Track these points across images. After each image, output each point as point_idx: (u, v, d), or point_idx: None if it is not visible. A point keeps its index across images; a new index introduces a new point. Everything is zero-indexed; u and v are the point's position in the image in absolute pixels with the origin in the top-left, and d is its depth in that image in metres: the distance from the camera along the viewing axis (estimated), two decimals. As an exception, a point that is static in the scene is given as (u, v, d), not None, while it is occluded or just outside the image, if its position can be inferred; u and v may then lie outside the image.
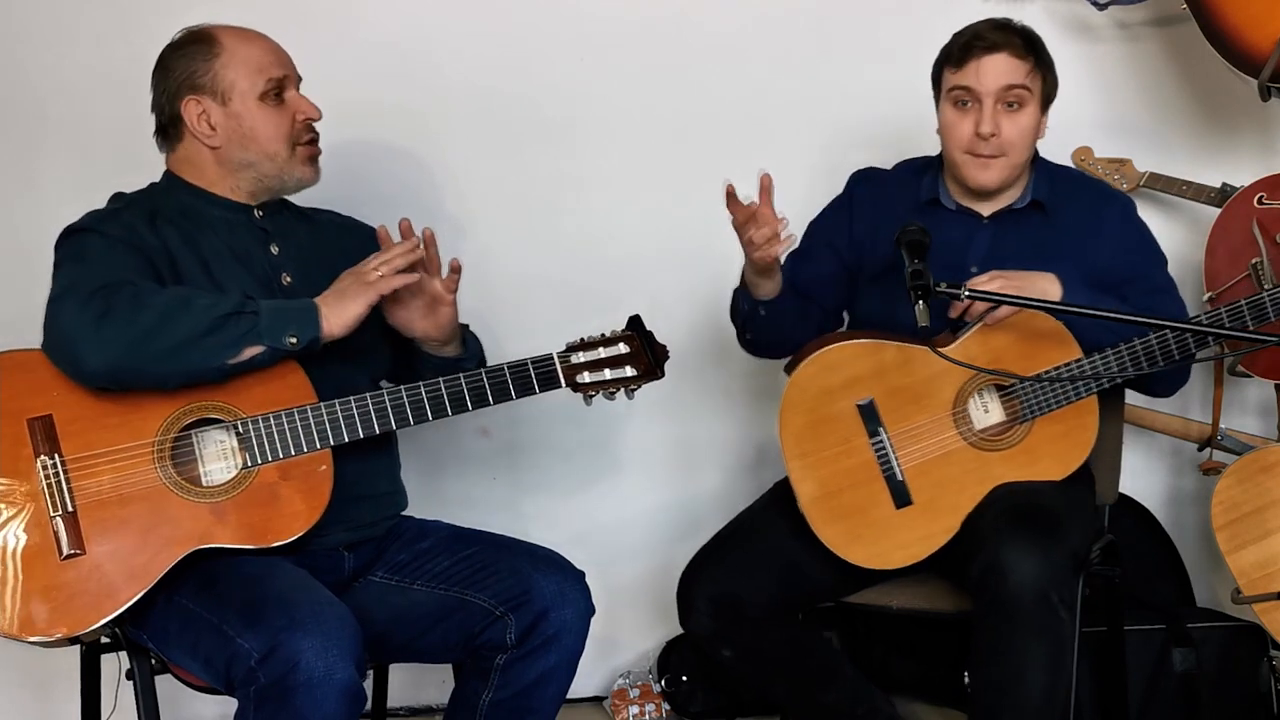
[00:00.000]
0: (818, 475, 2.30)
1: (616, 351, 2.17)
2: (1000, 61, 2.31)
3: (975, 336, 2.29)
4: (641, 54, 3.03)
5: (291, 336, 2.00)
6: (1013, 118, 2.32)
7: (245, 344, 1.98)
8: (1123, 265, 2.38)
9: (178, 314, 1.95)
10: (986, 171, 2.36)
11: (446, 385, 2.10)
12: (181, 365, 1.97)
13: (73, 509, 1.96)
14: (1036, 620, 2.09)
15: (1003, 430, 2.32)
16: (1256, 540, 2.48)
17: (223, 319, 1.97)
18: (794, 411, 2.31)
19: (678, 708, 3.04)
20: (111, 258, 2.02)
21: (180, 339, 1.94)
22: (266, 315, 2.00)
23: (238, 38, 2.16)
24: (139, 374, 1.97)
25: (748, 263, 2.33)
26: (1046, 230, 2.41)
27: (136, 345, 1.93)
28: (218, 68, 2.13)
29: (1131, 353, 2.27)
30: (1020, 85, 2.31)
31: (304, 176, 2.21)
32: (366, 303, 2.06)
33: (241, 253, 2.16)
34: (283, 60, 2.19)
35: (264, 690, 1.84)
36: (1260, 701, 2.76)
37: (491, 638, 2.11)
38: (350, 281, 2.08)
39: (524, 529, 2.35)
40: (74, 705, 2.22)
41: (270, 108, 2.15)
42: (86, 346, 1.93)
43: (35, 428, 1.97)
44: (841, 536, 2.29)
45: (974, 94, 2.32)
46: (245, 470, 2.02)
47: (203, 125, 2.14)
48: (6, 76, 2.88)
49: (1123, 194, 2.51)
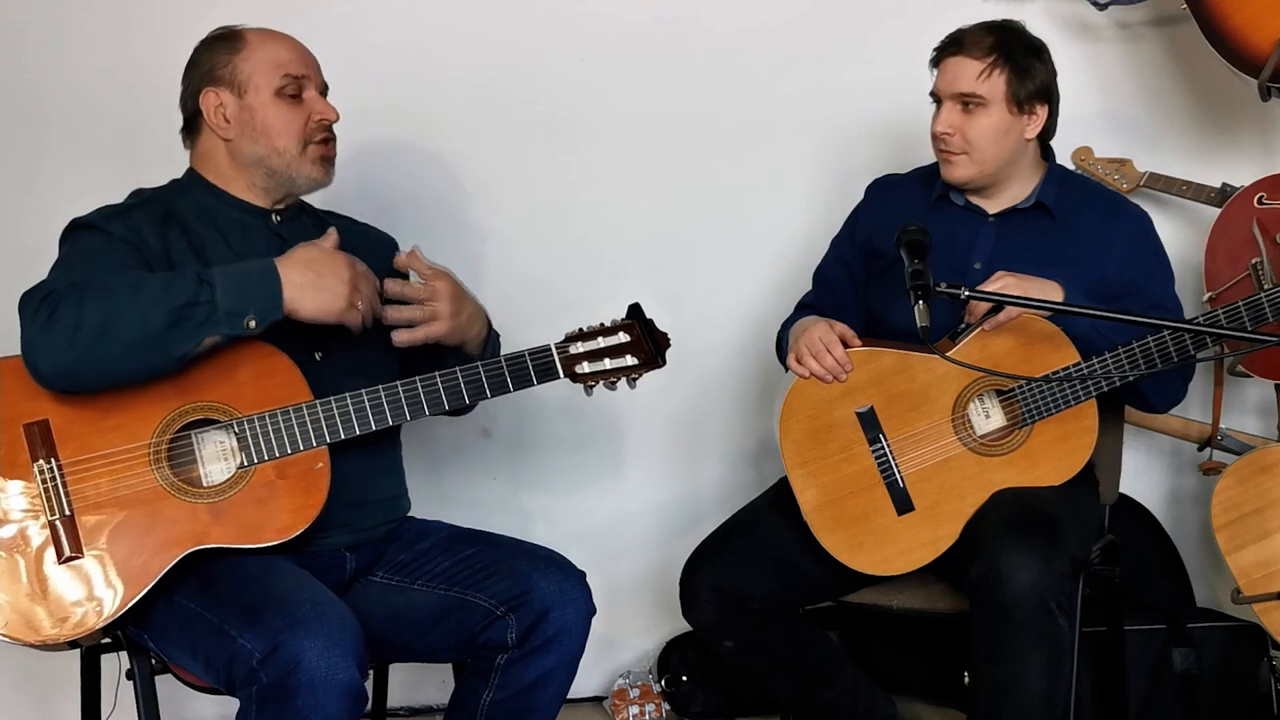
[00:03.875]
0: (819, 483, 2.31)
1: (616, 340, 2.16)
2: (955, 64, 2.36)
3: (974, 341, 2.29)
4: (642, 53, 3.04)
5: (250, 319, 1.96)
6: (971, 118, 2.35)
7: (202, 334, 1.94)
8: (1128, 277, 2.38)
9: (125, 311, 1.90)
10: (950, 167, 2.41)
11: (443, 379, 2.09)
12: (137, 365, 1.94)
13: (70, 512, 1.96)
14: (1035, 626, 2.09)
15: (1002, 435, 2.32)
16: (1256, 540, 2.48)
17: (176, 311, 1.91)
18: (794, 419, 2.32)
19: (678, 708, 3.04)
20: (105, 258, 2.01)
21: (132, 338, 1.90)
22: (223, 296, 1.94)
23: (263, 36, 2.18)
24: (93, 377, 1.93)
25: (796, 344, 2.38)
26: (1055, 235, 2.41)
27: (86, 349, 1.89)
28: (238, 60, 2.14)
29: (1130, 355, 2.26)
30: (967, 92, 2.34)
31: (314, 175, 2.19)
32: (337, 317, 2.02)
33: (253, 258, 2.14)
34: (305, 60, 2.20)
35: (266, 690, 1.84)
36: (1260, 701, 2.76)
37: (492, 637, 2.11)
38: (331, 280, 2.01)
39: (524, 529, 2.35)
40: (74, 705, 2.22)
41: (285, 104, 2.15)
42: (36, 352, 1.91)
43: (32, 432, 1.97)
44: (844, 544, 2.29)
45: (939, 95, 2.40)
46: (242, 470, 2.02)
47: (218, 117, 2.15)
48: (6, 76, 2.88)
49: (1139, 209, 2.49)
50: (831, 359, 2.30)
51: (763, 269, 3.08)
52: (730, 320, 3.10)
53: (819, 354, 2.31)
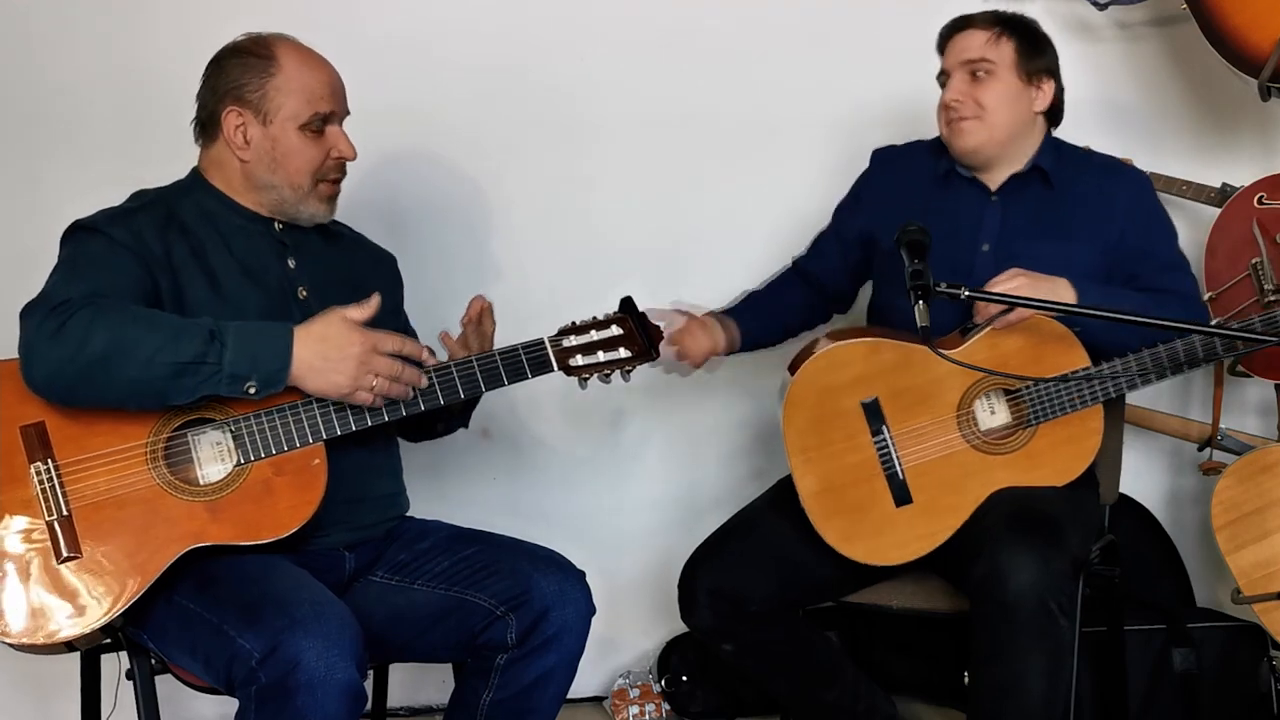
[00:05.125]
0: (819, 471, 2.30)
1: (609, 334, 2.17)
2: (963, 38, 2.40)
3: (984, 340, 2.28)
4: (644, 52, 3.04)
5: (252, 385, 1.95)
6: (980, 85, 2.37)
7: (201, 391, 1.94)
8: (1135, 240, 2.38)
9: (133, 348, 1.89)
10: (961, 135, 2.40)
11: (438, 375, 2.08)
12: (129, 400, 1.94)
13: (68, 513, 1.96)
14: (1035, 627, 2.09)
15: (1006, 435, 2.32)
16: (1256, 540, 2.48)
17: (180, 366, 1.91)
18: (798, 407, 2.32)
19: (678, 708, 3.04)
20: (107, 263, 2.00)
21: (131, 376, 1.90)
22: (231, 357, 1.93)
23: (299, 62, 2.13)
24: (82, 398, 1.94)
25: None
26: (1057, 207, 2.41)
27: (82, 371, 1.89)
28: (270, 88, 2.11)
29: (1140, 362, 2.26)
30: (978, 57, 2.36)
31: (317, 212, 2.19)
32: (342, 398, 2.01)
33: (255, 267, 2.14)
34: (336, 92, 2.17)
35: (265, 690, 1.84)
36: (1260, 701, 2.76)
37: (492, 637, 2.11)
38: (341, 362, 1.98)
39: (524, 529, 2.35)
40: (74, 705, 2.22)
41: (308, 138, 2.13)
42: (34, 359, 1.91)
43: (29, 434, 1.97)
44: (840, 532, 2.29)
45: (947, 72, 2.42)
46: (239, 467, 2.02)
47: (238, 137, 2.12)
48: (7, 77, 2.88)
49: (1137, 169, 2.49)
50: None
51: (763, 268, 3.07)
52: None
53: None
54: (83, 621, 1.94)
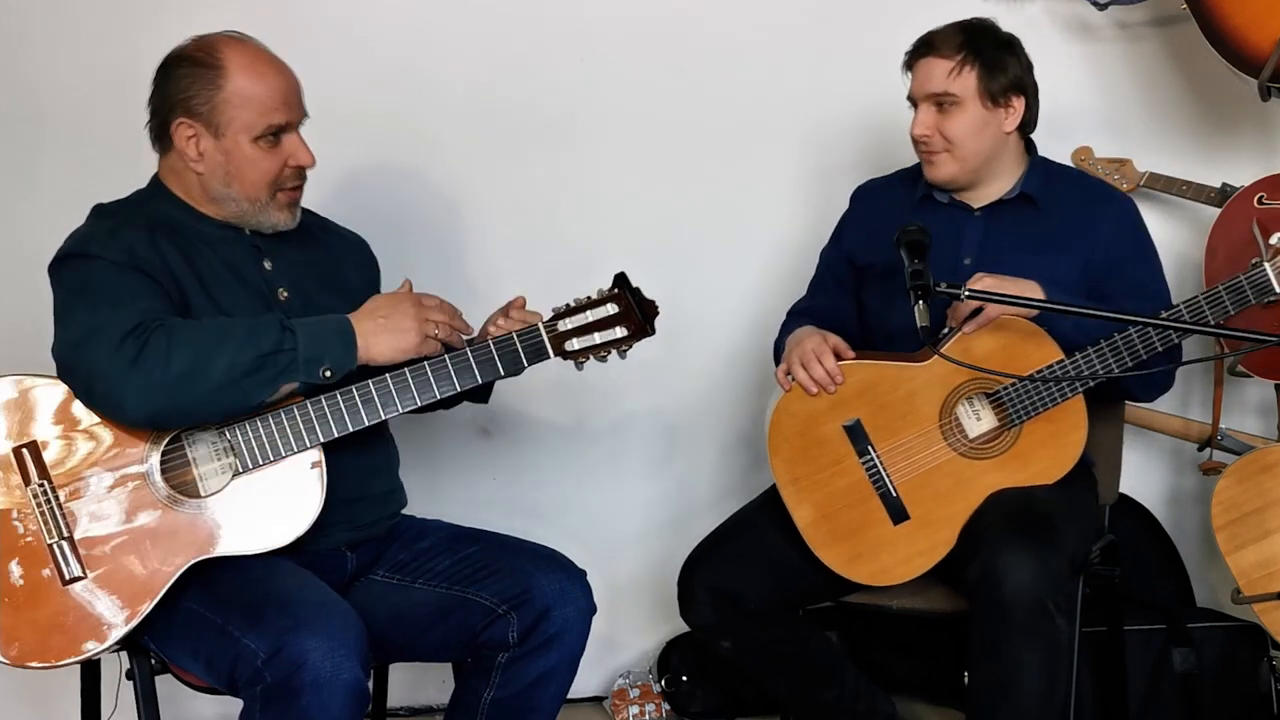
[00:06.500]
0: (813, 499, 2.31)
1: (605, 313, 2.13)
2: (926, 65, 2.38)
3: (956, 345, 2.27)
4: (640, 55, 3.03)
5: (326, 369, 1.98)
6: (947, 117, 2.36)
7: (281, 382, 1.96)
8: (1113, 263, 2.38)
9: (213, 354, 1.92)
10: (933, 168, 2.41)
11: (432, 367, 2.07)
12: (219, 407, 1.96)
13: (69, 533, 1.96)
14: (1031, 626, 2.09)
15: (991, 438, 2.31)
16: (1256, 540, 2.48)
17: (261, 359, 1.94)
18: (782, 438, 2.33)
19: (678, 708, 3.04)
20: (123, 289, 1.97)
21: (216, 381, 1.92)
22: (304, 346, 1.97)
23: (248, 72, 2.05)
24: (180, 417, 1.96)
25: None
26: (1040, 224, 2.41)
27: (173, 390, 1.91)
28: (218, 101, 2.04)
29: (1114, 348, 2.25)
30: (940, 91, 2.35)
31: (279, 221, 2.15)
32: (415, 350, 2.04)
33: (237, 269, 2.13)
34: (290, 101, 2.09)
35: (270, 690, 1.84)
36: (1260, 702, 2.76)
37: (493, 636, 2.11)
38: (401, 319, 2.03)
39: (524, 528, 2.35)
40: (74, 705, 2.22)
41: (263, 150, 2.07)
42: (124, 392, 1.90)
43: (23, 455, 1.96)
44: (843, 557, 2.30)
45: (914, 98, 2.42)
46: (238, 475, 2.01)
47: (191, 149, 2.07)
48: (6, 77, 2.88)
49: (1123, 195, 2.51)
50: (821, 369, 2.30)
51: (760, 269, 3.08)
52: (727, 319, 3.10)
53: (809, 364, 2.31)
54: (93, 643, 1.94)
